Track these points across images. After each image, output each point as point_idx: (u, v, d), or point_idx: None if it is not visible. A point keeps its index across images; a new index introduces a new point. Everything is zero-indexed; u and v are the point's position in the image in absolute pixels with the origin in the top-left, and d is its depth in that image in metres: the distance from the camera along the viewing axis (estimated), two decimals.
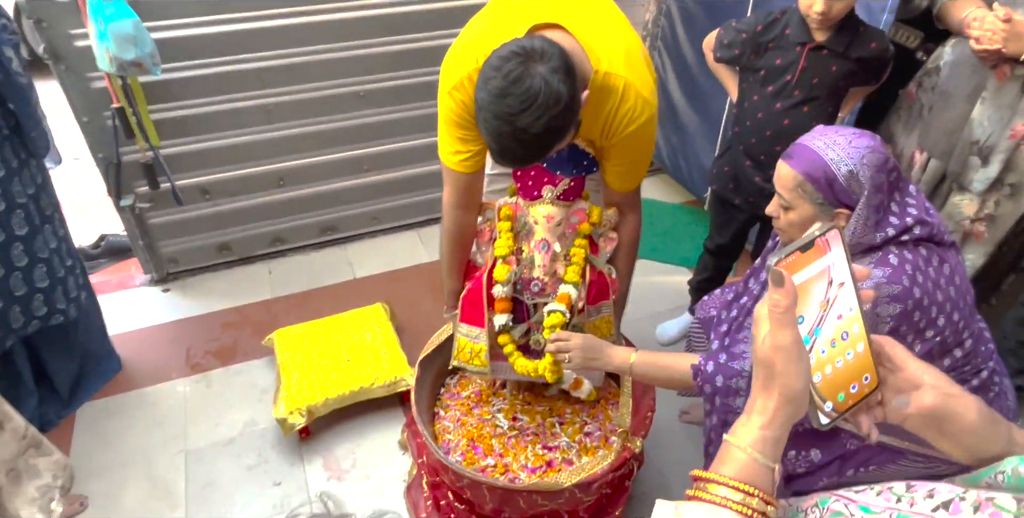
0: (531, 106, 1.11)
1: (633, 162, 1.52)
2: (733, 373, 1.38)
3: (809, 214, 1.30)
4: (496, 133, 1.16)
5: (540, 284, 1.71)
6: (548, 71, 1.11)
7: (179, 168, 2.55)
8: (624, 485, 1.78)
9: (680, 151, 3.18)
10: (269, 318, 2.63)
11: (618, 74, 1.30)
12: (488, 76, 1.14)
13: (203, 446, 2.13)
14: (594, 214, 1.67)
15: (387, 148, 2.86)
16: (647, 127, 1.40)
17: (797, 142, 1.31)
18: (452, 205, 1.62)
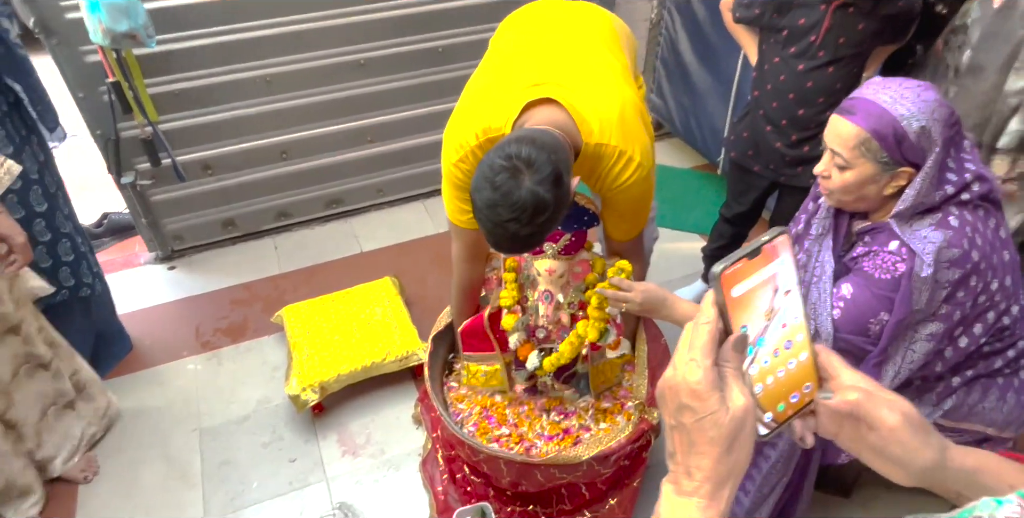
0: (520, 216, 1.17)
1: (629, 214, 1.56)
2: None
3: (869, 174, 1.24)
4: (490, 232, 1.24)
5: (545, 331, 1.77)
6: (535, 183, 1.16)
7: (180, 143, 2.51)
8: (642, 456, 1.77)
9: (691, 113, 3.11)
10: (277, 294, 2.61)
11: (609, 144, 1.35)
12: (480, 185, 1.20)
13: (217, 424, 2.13)
14: (598, 264, 1.73)
15: (390, 118, 2.81)
16: (641, 185, 1.44)
17: (856, 96, 1.24)
18: (461, 259, 1.70)
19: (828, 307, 1.33)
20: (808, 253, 1.44)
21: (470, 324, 1.81)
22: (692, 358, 0.54)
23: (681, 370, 0.55)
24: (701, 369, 0.54)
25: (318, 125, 2.71)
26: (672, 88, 3.21)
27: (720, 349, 0.56)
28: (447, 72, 2.78)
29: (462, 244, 1.66)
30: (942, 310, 1.28)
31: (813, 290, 1.37)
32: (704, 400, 0.53)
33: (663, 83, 3.27)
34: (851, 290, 1.31)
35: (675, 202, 3.03)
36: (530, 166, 1.17)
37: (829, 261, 1.38)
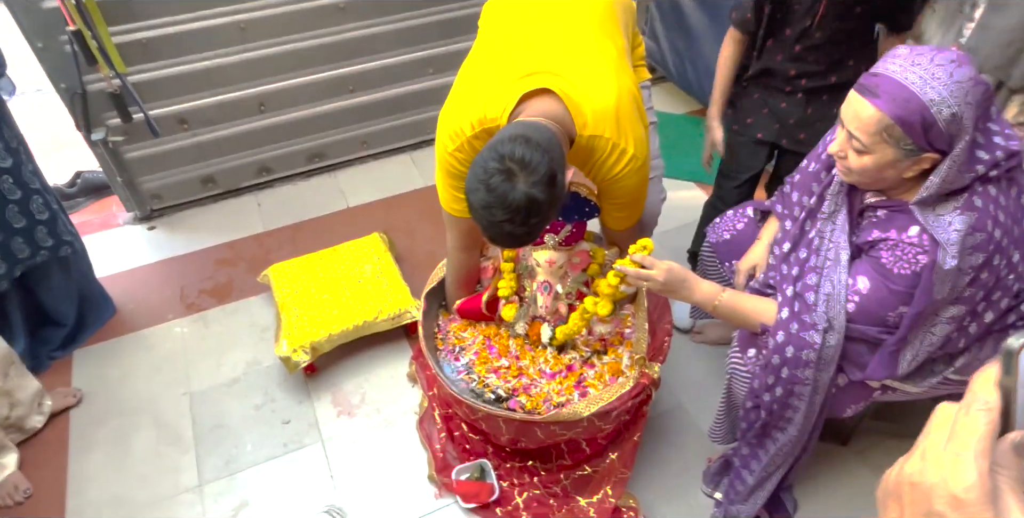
0: (515, 217, 1.19)
1: (624, 204, 1.56)
2: (805, 345, 1.30)
3: (889, 159, 1.14)
4: (486, 230, 1.26)
5: (543, 320, 1.78)
6: (530, 185, 1.17)
7: (151, 96, 2.39)
8: (642, 410, 1.75)
9: (686, 56, 2.99)
10: (262, 253, 2.54)
11: (603, 136, 1.35)
12: (474, 187, 1.20)
13: (207, 388, 2.09)
14: (598, 255, 1.74)
15: (373, 65, 2.68)
16: (635, 176, 1.44)
17: (881, 73, 1.11)
18: (456, 248, 1.71)
19: (843, 299, 1.27)
20: (821, 234, 1.36)
21: (467, 303, 1.82)
22: (960, 454, 0.41)
23: (941, 467, 0.42)
24: (975, 473, 0.41)
25: (297, 74, 2.59)
26: (666, 30, 3.08)
27: (996, 449, 0.42)
28: (431, 16, 2.64)
29: (456, 233, 1.66)
30: (965, 293, 1.22)
31: (826, 281, 1.30)
32: (976, 514, 0.40)
33: (656, 25, 3.14)
34: (867, 284, 1.25)
35: (670, 149, 2.94)
36: (524, 168, 1.17)
37: (844, 246, 1.31)
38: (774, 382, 1.36)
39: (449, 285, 1.85)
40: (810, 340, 1.28)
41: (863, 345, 1.31)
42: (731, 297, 1.40)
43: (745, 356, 1.48)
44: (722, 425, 1.66)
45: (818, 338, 1.28)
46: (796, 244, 1.42)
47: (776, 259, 1.46)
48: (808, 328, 1.29)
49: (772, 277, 1.46)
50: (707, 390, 2.03)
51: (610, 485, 1.76)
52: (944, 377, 1.39)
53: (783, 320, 1.33)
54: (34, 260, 1.95)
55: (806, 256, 1.37)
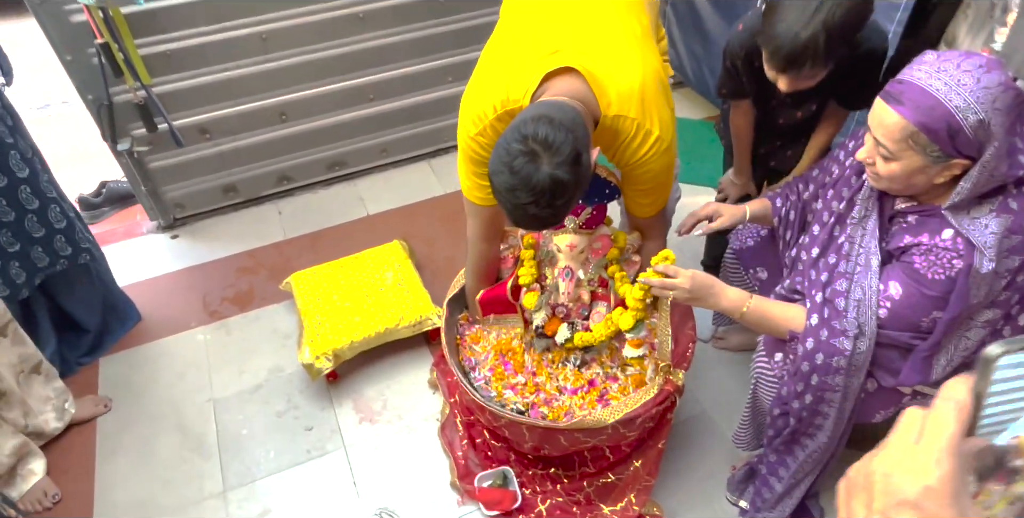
0: (539, 199, 1.16)
1: (650, 190, 1.51)
2: (834, 352, 1.28)
3: (917, 166, 1.13)
4: (510, 212, 1.23)
5: (565, 309, 1.74)
6: (554, 166, 1.14)
7: (175, 107, 2.43)
8: (666, 418, 1.74)
9: (704, 61, 2.99)
10: (283, 260, 2.56)
11: (628, 116, 1.31)
12: (498, 169, 1.17)
13: (230, 394, 2.11)
14: (620, 239, 1.70)
15: (392, 74, 2.70)
16: (661, 159, 1.39)
17: (906, 80, 1.09)
18: (477, 238, 1.67)
19: (874, 305, 1.26)
20: (851, 240, 1.34)
21: (490, 293, 1.78)
22: (934, 453, 0.43)
23: (913, 461, 0.44)
24: (948, 466, 0.43)
25: (317, 84, 2.61)
26: (683, 35, 3.08)
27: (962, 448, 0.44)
28: (450, 24, 2.66)
29: (478, 222, 1.62)
30: (1001, 297, 1.20)
31: (856, 287, 1.29)
32: (944, 507, 0.42)
33: (673, 30, 3.13)
34: (900, 290, 1.23)
35: (688, 154, 2.93)
36: (548, 148, 1.14)
37: (875, 251, 1.29)
38: (803, 389, 1.35)
39: (470, 277, 1.80)
40: (840, 347, 1.27)
41: (894, 351, 1.29)
42: (759, 304, 1.39)
43: (772, 361, 1.47)
44: (747, 431, 1.65)
45: (848, 345, 1.26)
46: (825, 249, 1.41)
47: (804, 265, 1.45)
48: (838, 335, 1.28)
49: (800, 283, 1.44)
50: (731, 396, 2.01)
51: (634, 493, 1.74)
52: None
53: (812, 327, 1.32)
54: (53, 269, 1.97)
55: (835, 261, 1.36)
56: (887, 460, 0.46)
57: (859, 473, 0.48)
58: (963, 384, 0.45)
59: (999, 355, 0.43)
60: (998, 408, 0.45)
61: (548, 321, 1.75)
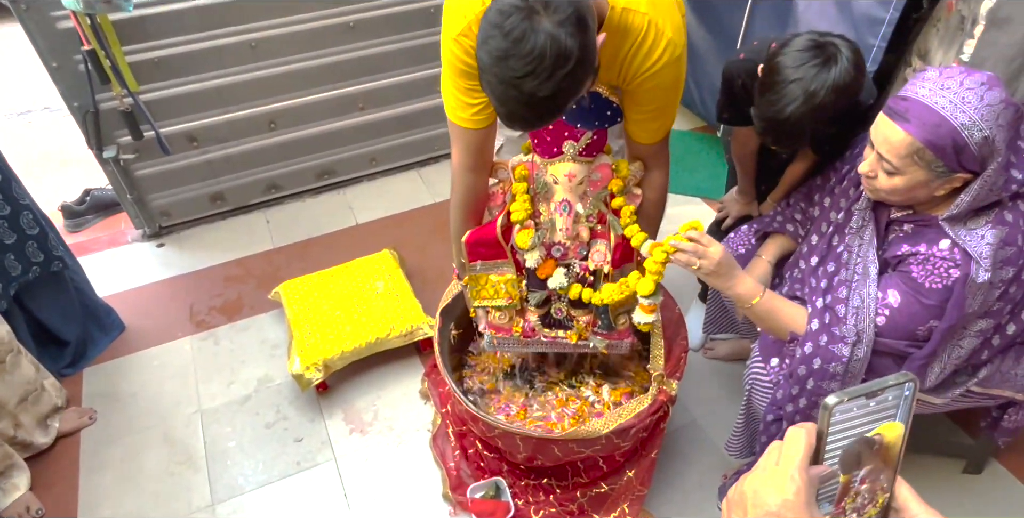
0: (537, 68, 0.98)
1: (657, 110, 1.35)
2: (833, 357, 1.29)
3: (921, 180, 1.14)
4: (501, 97, 1.04)
5: (562, 249, 1.57)
6: (554, 25, 0.97)
7: (162, 114, 2.40)
8: (659, 427, 1.73)
9: (691, 74, 3.01)
10: (272, 269, 2.54)
11: (638, 10, 1.16)
12: (488, 34, 1.00)
13: (218, 406, 2.07)
14: (622, 168, 1.51)
15: (382, 83, 2.70)
16: (672, 69, 1.24)
17: (909, 97, 1.10)
18: (463, 168, 1.48)
19: (872, 313, 1.27)
20: (849, 249, 1.36)
21: (478, 233, 1.57)
22: (789, 472, 0.55)
23: (774, 479, 0.55)
24: (799, 482, 0.54)
25: (307, 92, 2.60)
26: None
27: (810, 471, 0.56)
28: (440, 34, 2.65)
29: (464, 147, 1.43)
30: (994, 307, 1.22)
31: (855, 295, 1.30)
32: (799, 515, 0.54)
33: None
34: (898, 298, 1.24)
35: (677, 165, 2.95)
36: (547, 5, 0.97)
37: (873, 260, 1.30)
38: (799, 393, 1.35)
39: (455, 213, 1.59)
40: (838, 353, 1.28)
41: (889, 358, 1.31)
42: (771, 298, 1.39)
43: (768, 366, 1.48)
44: (740, 438, 1.65)
45: (846, 351, 1.27)
46: (824, 258, 1.42)
47: (803, 273, 1.46)
48: (837, 341, 1.29)
49: (799, 289, 1.45)
50: (721, 405, 2.02)
51: (627, 503, 1.74)
52: (967, 388, 1.39)
53: (813, 332, 1.33)
54: (27, 277, 1.93)
55: (835, 269, 1.37)
56: (755, 480, 0.57)
57: (735, 492, 0.59)
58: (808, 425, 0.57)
59: (836, 404, 0.53)
60: (837, 444, 0.56)
61: (542, 263, 1.56)
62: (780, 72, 1.30)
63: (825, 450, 0.56)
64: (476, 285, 1.65)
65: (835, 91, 1.27)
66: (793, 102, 1.28)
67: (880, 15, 1.95)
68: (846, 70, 1.27)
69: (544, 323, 1.68)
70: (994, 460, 1.84)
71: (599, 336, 1.67)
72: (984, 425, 1.66)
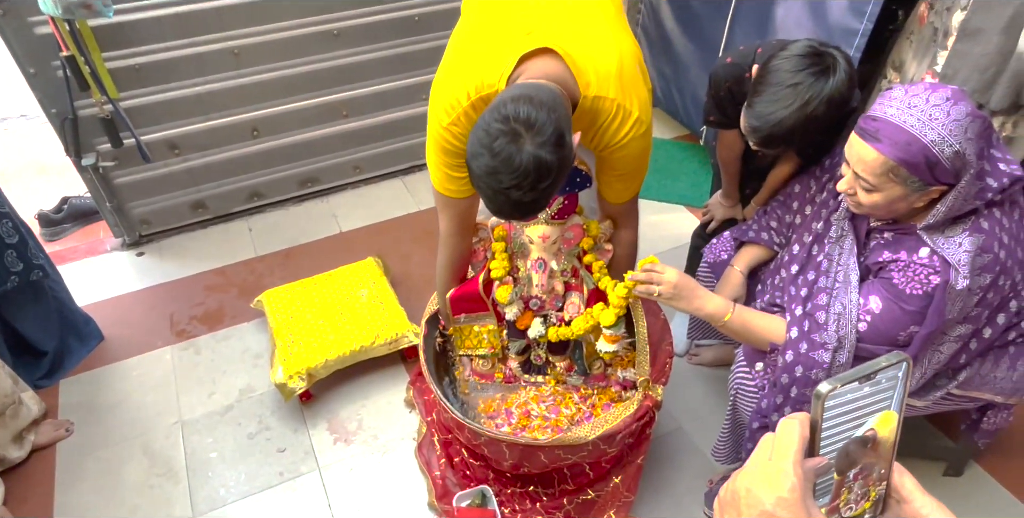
0: (522, 182, 1.11)
1: (626, 174, 1.47)
2: (813, 364, 1.30)
3: (898, 195, 1.16)
4: (491, 199, 1.17)
5: (539, 302, 1.70)
6: (536, 147, 1.09)
7: (143, 122, 2.37)
8: (645, 433, 1.73)
9: (673, 83, 3.04)
10: (254, 278, 2.51)
11: (607, 97, 1.27)
12: (478, 151, 1.12)
13: (199, 416, 2.04)
14: (592, 227, 1.66)
15: (365, 91, 2.69)
16: (639, 142, 1.36)
17: (879, 117, 1.12)
18: (449, 234, 1.60)
19: (854, 319, 1.28)
20: (829, 258, 1.37)
21: (461, 289, 1.72)
22: (783, 467, 0.52)
23: (768, 475, 0.52)
24: (794, 478, 0.51)
25: (290, 100, 2.58)
26: (653, 58, 3.14)
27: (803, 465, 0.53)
28: (424, 42, 2.66)
29: (451, 216, 1.54)
30: (973, 312, 1.24)
31: (836, 302, 1.31)
32: (795, 513, 0.51)
33: (644, 51, 3.19)
34: (879, 305, 1.26)
35: (660, 173, 2.98)
36: (530, 128, 1.09)
37: (854, 267, 1.32)
38: (783, 401, 1.36)
39: (442, 274, 1.71)
40: (819, 359, 1.29)
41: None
42: (742, 313, 1.40)
43: (752, 370, 1.48)
44: (726, 444, 1.65)
45: (827, 357, 1.28)
46: (804, 267, 1.43)
47: (784, 281, 1.47)
48: (817, 348, 1.29)
49: (779, 297, 1.46)
50: (706, 411, 2.02)
51: (614, 509, 1.73)
52: (947, 391, 1.40)
53: (792, 339, 1.34)
54: (5, 286, 1.89)
55: (814, 278, 1.38)
56: (747, 477, 0.54)
57: (727, 491, 0.56)
58: (801, 414, 0.54)
59: (829, 391, 0.51)
60: (833, 430, 0.53)
61: (521, 315, 1.70)
62: (777, 74, 1.31)
63: (821, 440, 0.53)
64: (460, 335, 1.81)
65: (828, 103, 1.29)
66: (787, 107, 1.29)
67: (855, 26, 1.99)
68: (842, 82, 1.28)
69: (524, 369, 1.85)
70: (974, 463, 1.86)
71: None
72: (964, 428, 1.68)
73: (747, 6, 2.42)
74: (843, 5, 2.00)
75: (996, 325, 1.32)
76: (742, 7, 2.45)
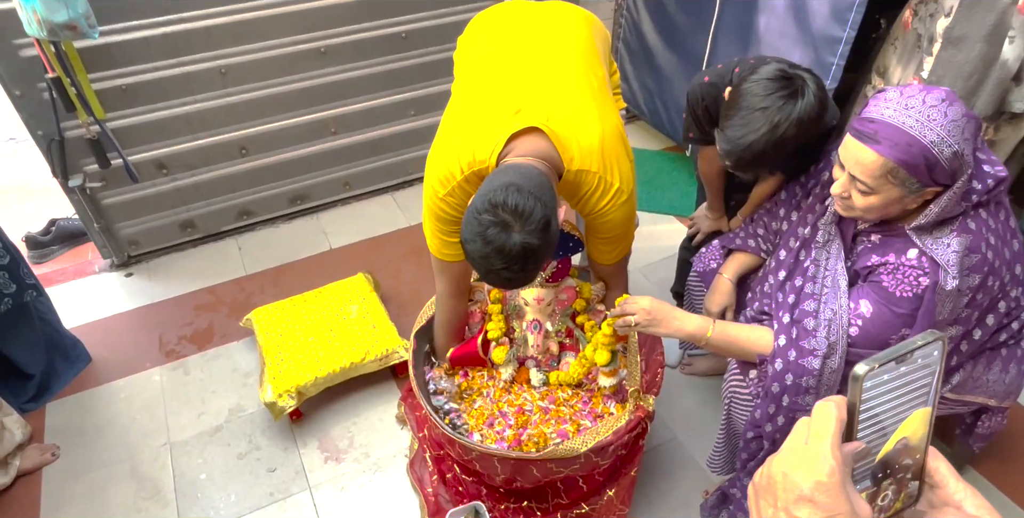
0: (512, 264, 1.19)
1: (612, 238, 1.54)
2: (804, 371, 1.29)
3: (895, 197, 1.15)
4: (484, 274, 1.25)
5: (534, 362, 1.78)
6: (526, 234, 1.17)
7: (130, 142, 2.36)
8: (638, 444, 1.71)
9: (657, 95, 3.05)
10: (244, 297, 2.49)
11: (590, 170, 1.35)
12: (471, 237, 1.20)
13: (188, 437, 2.01)
14: (585, 290, 1.75)
15: (354, 108, 2.69)
16: (622, 209, 1.44)
17: (876, 118, 1.11)
18: (446, 295, 1.68)
19: (844, 323, 1.27)
20: (816, 263, 1.37)
21: (461, 350, 1.79)
22: (821, 451, 0.50)
23: (805, 459, 0.50)
24: (832, 462, 0.49)
25: (278, 118, 2.58)
26: (636, 71, 3.15)
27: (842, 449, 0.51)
28: (412, 59, 2.67)
29: (447, 278, 1.63)
30: (963, 314, 1.24)
31: (826, 307, 1.30)
32: (834, 497, 0.49)
33: (626, 66, 3.21)
34: (870, 308, 1.25)
35: (648, 184, 2.98)
36: (519, 217, 1.17)
37: (842, 272, 1.31)
38: (775, 411, 1.34)
39: (439, 334, 1.80)
40: (809, 366, 1.27)
41: None
42: (724, 328, 1.39)
43: (747, 378, 1.46)
44: (721, 454, 1.63)
45: (817, 363, 1.27)
46: (791, 273, 1.42)
47: (772, 287, 1.46)
48: (807, 355, 1.28)
49: (767, 305, 1.45)
50: (700, 421, 2.00)
51: None
52: (941, 395, 1.39)
53: (781, 348, 1.32)
54: None
55: (802, 284, 1.37)
56: (783, 461, 0.52)
57: (762, 476, 0.54)
58: (837, 397, 0.53)
59: (866, 373, 0.50)
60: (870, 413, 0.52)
61: (517, 373, 1.79)
62: (747, 98, 1.32)
63: (858, 424, 0.52)
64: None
65: (798, 125, 1.29)
66: (756, 131, 1.30)
67: (838, 34, 2.00)
68: (811, 105, 1.29)
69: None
70: (970, 467, 1.84)
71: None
72: (959, 432, 1.66)
73: (729, 17, 2.44)
74: (825, 14, 2.01)
75: (986, 327, 1.31)
76: (725, 18, 2.46)
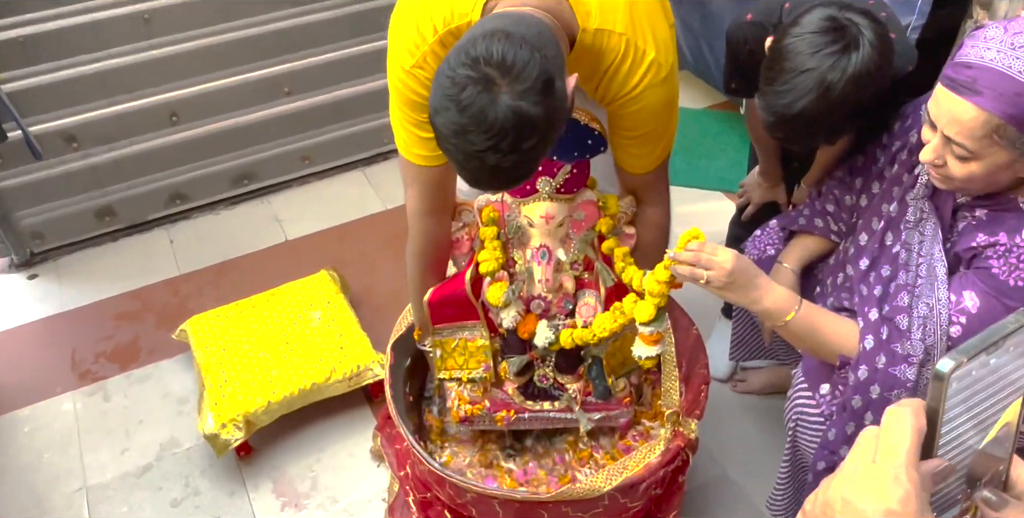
0: (500, 143, 1.07)
1: (645, 135, 1.44)
2: (895, 383, 1.28)
3: (1003, 161, 1.14)
4: (462, 165, 1.14)
5: (543, 304, 1.64)
6: (516, 96, 1.06)
7: (31, 109, 2.40)
8: (677, 481, 1.72)
9: (703, 38, 3.06)
10: (177, 301, 2.53)
11: (614, 31, 1.25)
12: (441, 105, 1.09)
13: (109, 480, 2.05)
14: (610, 204, 1.59)
15: (312, 61, 2.73)
16: (658, 91, 1.33)
17: (976, 64, 1.10)
18: (419, 213, 1.56)
19: (944, 322, 1.26)
20: (907, 247, 1.36)
21: (442, 290, 1.65)
22: (893, 472, 0.50)
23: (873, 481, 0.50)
24: (908, 485, 0.49)
25: (217, 76, 2.62)
26: (677, 6, 3.13)
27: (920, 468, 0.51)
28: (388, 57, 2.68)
29: (420, 188, 1.52)
30: None
31: (920, 302, 1.30)
32: None
33: None
34: (976, 302, 1.24)
35: (690, 151, 2.98)
36: (507, 72, 1.06)
37: (940, 258, 1.31)
38: (854, 431, 1.34)
39: (413, 266, 1.66)
40: (902, 377, 1.27)
41: None
42: (810, 311, 1.38)
43: (817, 394, 1.47)
44: (784, 492, 1.64)
45: (912, 374, 1.27)
46: (876, 260, 1.42)
47: (851, 279, 1.46)
48: (900, 362, 1.28)
49: (847, 299, 1.45)
50: (758, 453, 2.01)
51: None
52: None
53: (867, 351, 1.32)
54: None
55: (891, 273, 1.37)
56: (844, 484, 0.52)
57: (815, 503, 0.54)
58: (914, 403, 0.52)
59: (953, 369, 0.48)
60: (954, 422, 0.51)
61: (521, 320, 1.63)
62: (790, 58, 1.31)
63: (940, 436, 0.51)
64: (442, 352, 1.72)
65: (855, 82, 1.28)
66: (805, 96, 1.29)
67: None
68: (869, 57, 1.28)
69: (526, 394, 1.75)
70: None
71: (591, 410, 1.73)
72: None
73: None
74: None
75: None
76: None
